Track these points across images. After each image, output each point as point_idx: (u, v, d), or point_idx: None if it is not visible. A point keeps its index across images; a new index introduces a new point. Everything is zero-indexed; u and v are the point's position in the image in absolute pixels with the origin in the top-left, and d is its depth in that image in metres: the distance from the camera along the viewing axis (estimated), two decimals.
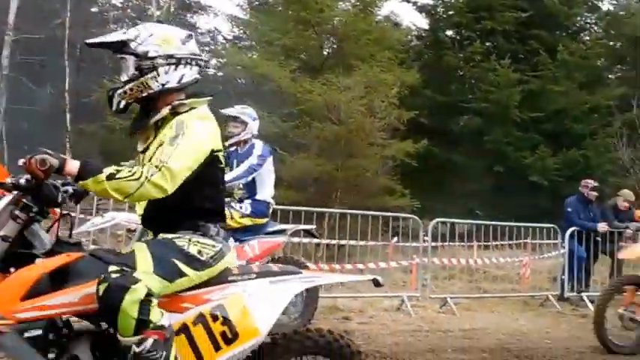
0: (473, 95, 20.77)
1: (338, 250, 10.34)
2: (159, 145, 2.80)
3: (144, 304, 2.54)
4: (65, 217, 3.06)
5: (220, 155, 2.96)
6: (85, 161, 2.65)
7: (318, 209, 9.52)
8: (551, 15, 20.89)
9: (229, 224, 6.06)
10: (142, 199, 2.73)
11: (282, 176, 9.57)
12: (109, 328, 2.69)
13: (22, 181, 2.77)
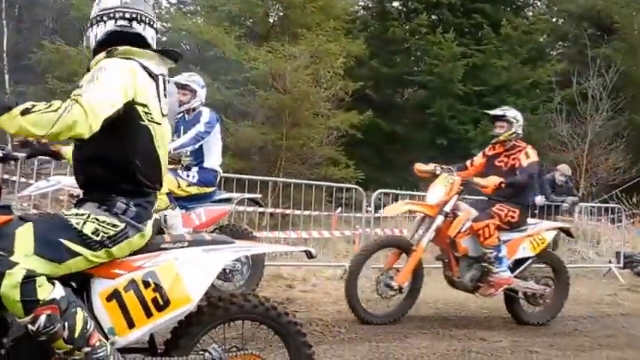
0: (418, 68, 20.91)
1: (282, 219, 10.32)
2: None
3: (26, 285, 2.46)
4: None
5: (142, 111, 2.76)
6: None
7: (262, 178, 9.45)
8: None
9: (176, 192, 6.02)
10: (64, 135, 2.41)
11: (227, 144, 9.44)
12: None
13: None
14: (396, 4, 21.86)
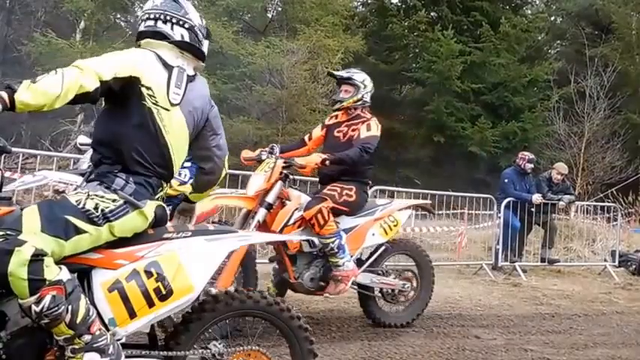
0: (416, 64, 20.90)
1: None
2: None
3: (34, 264, 2.48)
4: None
5: (147, 93, 2.84)
6: (3, 85, 2.59)
7: None
8: None
9: (168, 192, 5.98)
10: (74, 90, 2.58)
11: None
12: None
13: None
14: (395, 0, 21.85)
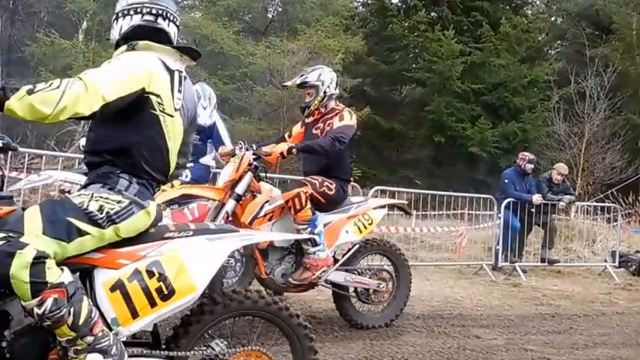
0: (416, 65, 20.91)
1: None
2: None
3: (35, 266, 2.47)
4: None
5: (155, 101, 2.81)
6: (2, 85, 2.49)
7: None
8: None
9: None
10: (68, 112, 2.47)
11: None
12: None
13: None
14: (395, 0, 21.88)
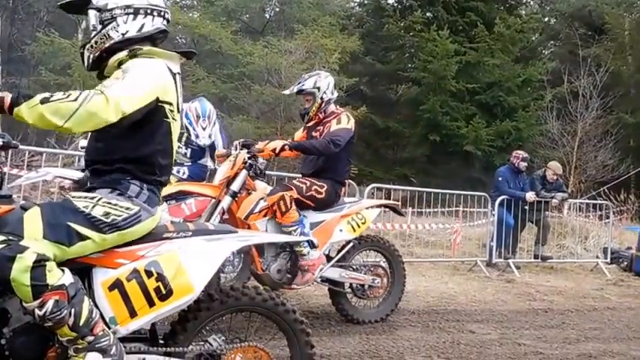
0: (412, 64, 21.04)
1: None
2: None
3: (36, 269, 2.47)
4: None
5: (168, 109, 2.78)
6: (17, 90, 2.51)
7: None
8: None
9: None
10: (82, 127, 2.46)
11: None
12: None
13: None
14: (391, 1, 22.00)
